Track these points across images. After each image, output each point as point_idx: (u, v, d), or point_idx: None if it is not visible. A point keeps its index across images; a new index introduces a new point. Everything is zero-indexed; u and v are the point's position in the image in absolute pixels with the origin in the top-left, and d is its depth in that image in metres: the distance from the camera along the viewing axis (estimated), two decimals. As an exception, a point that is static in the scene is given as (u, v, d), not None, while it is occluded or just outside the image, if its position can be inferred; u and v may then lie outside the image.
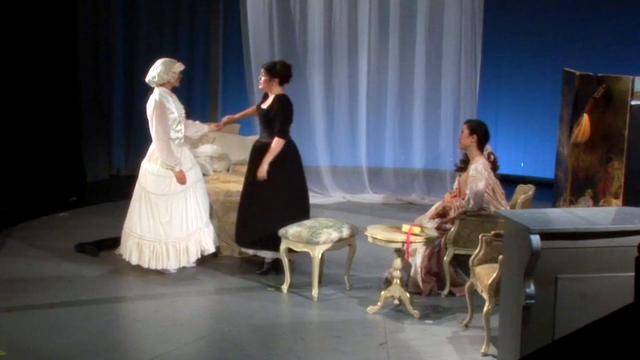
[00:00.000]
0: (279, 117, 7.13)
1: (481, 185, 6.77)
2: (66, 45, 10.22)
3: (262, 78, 7.26)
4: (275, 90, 7.27)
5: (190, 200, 7.31)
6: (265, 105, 7.27)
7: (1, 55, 9.30)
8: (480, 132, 6.91)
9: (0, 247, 7.91)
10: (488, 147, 7.06)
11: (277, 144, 7.12)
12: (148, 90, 7.37)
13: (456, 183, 7.25)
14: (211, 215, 7.96)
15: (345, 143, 10.66)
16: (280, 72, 7.21)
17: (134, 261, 7.19)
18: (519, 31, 11.01)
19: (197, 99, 11.72)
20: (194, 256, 7.32)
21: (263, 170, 7.11)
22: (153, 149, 7.27)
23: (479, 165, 6.84)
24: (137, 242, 7.18)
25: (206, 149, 8.64)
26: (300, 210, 7.24)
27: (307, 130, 10.50)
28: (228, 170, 8.86)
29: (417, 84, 10.41)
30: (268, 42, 10.25)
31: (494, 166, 7.02)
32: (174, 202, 7.24)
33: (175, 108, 7.25)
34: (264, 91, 7.38)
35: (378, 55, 10.44)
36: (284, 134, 7.16)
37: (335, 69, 10.47)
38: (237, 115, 7.88)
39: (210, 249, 7.41)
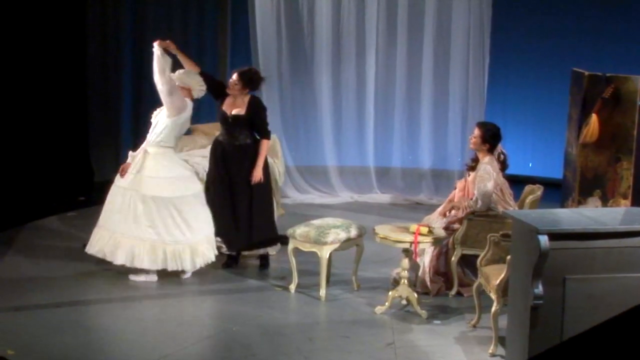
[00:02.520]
0: (261, 120, 7.39)
1: (489, 185, 6.76)
2: (74, 43, 10.21)
3: (236, 84, 7.30)
4: (245, 96, 7.40)
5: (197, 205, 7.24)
6: (238, 111, 7.33)
7: (8, 53, 9.31)
8: (491, 143, 6.91)
9: (9, 247, 7.92)
10: (499, 147, 7.05)
11: (266, 145, 7.39)
12: (156, 90, 7.32)
13: (455, 183, 7.23)
14: None
15: (353, 143, 10.64)
16: (251, 83, 7.37)
17: (146, 265, 7.02)
18: (527, 31, 10.98)
19: (205, 99, 11.68)
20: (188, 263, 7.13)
21: (259, 175, 7.28)
22: (147, 157, 7.21)
23: (487, 166, 6.83)
24: (151, 246, 7.06)
25: (201, 152, 8.57)
26: (271, 207, 7.57)
27: (314, 130, 10.50)
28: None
29: (424, 83, 10.38)
30: (276, 42, 10.24)
31: (503, 165, 7.01)
32: (192, 203, 7.18)
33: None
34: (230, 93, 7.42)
35: (386, 54, 10.42)
36: (269, 134, 7.46)
37: (343, 68, 10.45)
38: (180, 53, 7.71)
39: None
